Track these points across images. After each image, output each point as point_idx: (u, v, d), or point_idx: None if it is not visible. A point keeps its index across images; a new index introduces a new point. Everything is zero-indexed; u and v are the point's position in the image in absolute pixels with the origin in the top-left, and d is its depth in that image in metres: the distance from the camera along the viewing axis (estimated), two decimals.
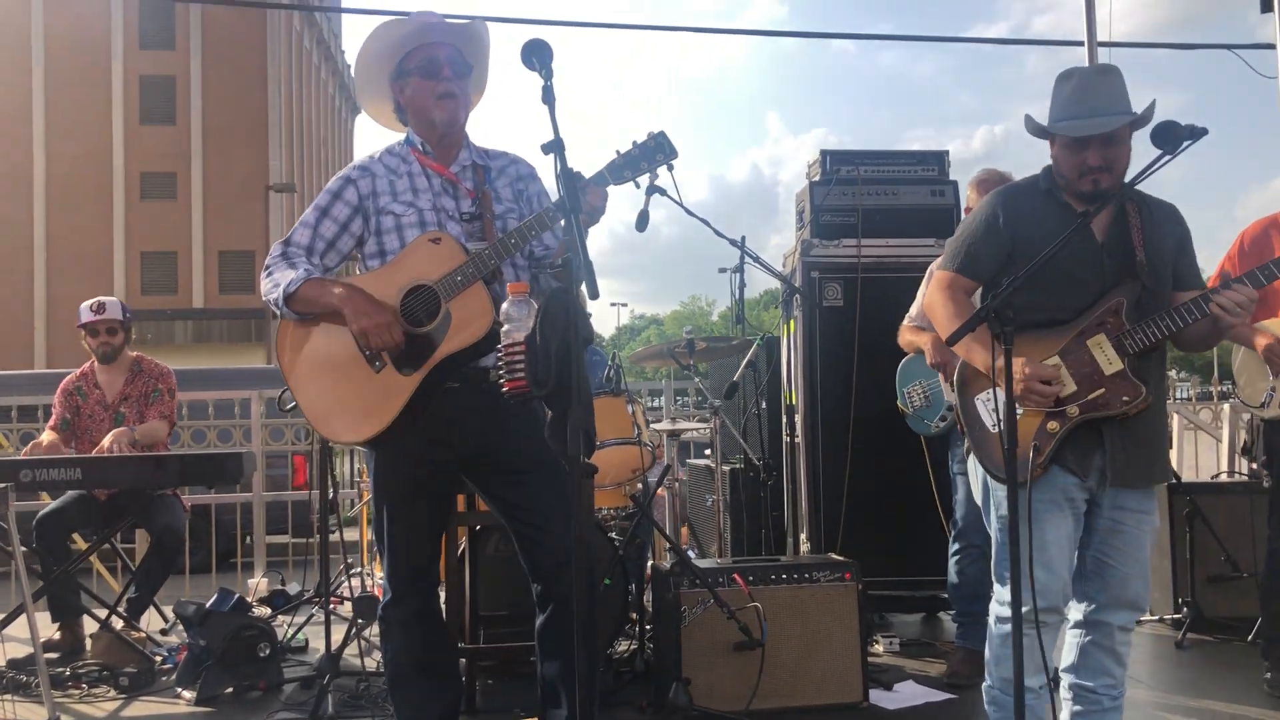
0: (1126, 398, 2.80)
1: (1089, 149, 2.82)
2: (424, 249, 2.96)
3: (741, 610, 3.79)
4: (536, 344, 2.39)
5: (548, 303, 2.41)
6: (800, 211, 5.57)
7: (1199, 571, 5.10)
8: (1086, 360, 2.83)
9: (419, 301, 2.92)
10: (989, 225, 2.96)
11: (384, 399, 2.92)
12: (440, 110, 3.06)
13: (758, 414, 5.51)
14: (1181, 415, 7.38)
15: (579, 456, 2.34)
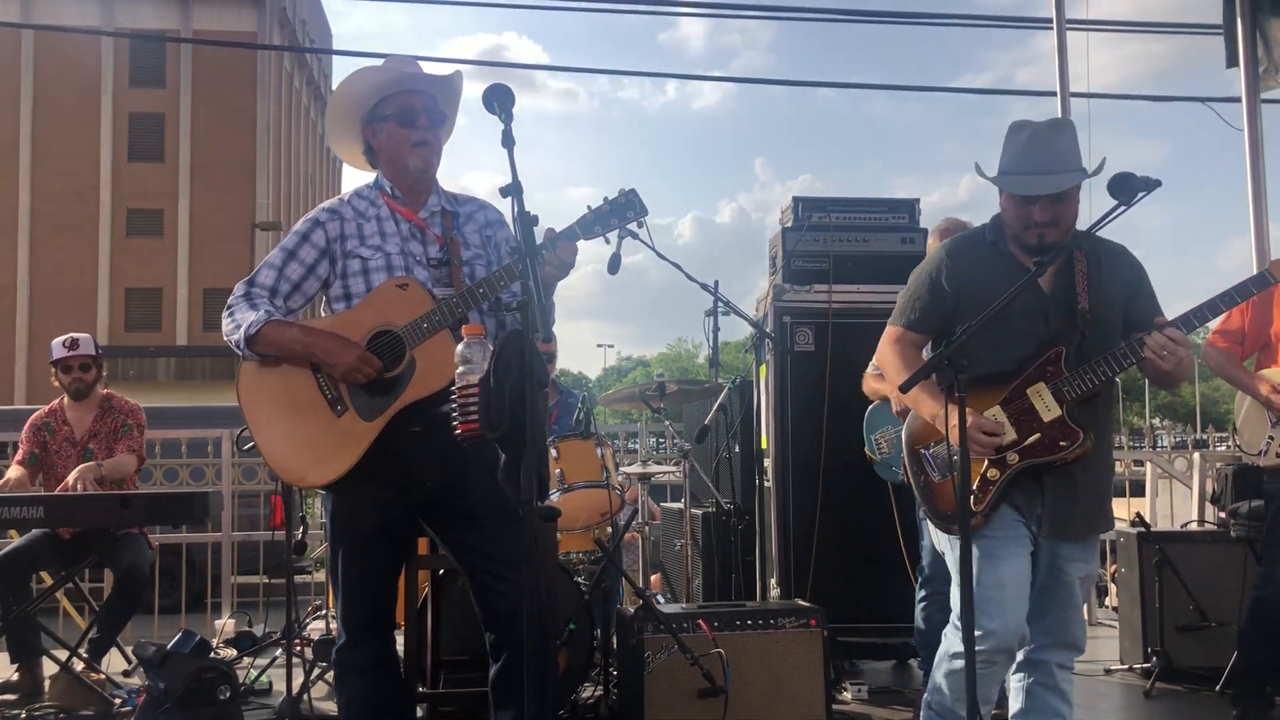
0: (1064, 443, 2.83)
1: (1036, 205, 2.86)
2: (391, 294, 2.97)
3: (705, 656, 3.76)
4: (490, 386, 2.39)
5: (503, 345, 2.41)
6: (773, 256, 5.60)
7: (1169, 620, 5.08)
8: (1026, 408, 2.87)
9: (384, 346, 2.92)
10: (932, 282, 3.02)
11: (345, 443, 2.91)
12: (415, 158, 3.08)
13: (729, 458, 5.51)
14: (1155, 464, 7.40)
15: (531, 500, 2.34)
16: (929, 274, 3.04)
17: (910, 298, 3.08)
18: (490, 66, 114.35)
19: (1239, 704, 4.15)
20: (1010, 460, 2.84)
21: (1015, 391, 2.88)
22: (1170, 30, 22.00)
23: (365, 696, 3.04)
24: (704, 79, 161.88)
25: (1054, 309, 2.90)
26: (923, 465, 3.01)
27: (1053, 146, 2.87)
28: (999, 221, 3.01)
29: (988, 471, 2.86)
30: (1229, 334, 4.26)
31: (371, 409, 2.90)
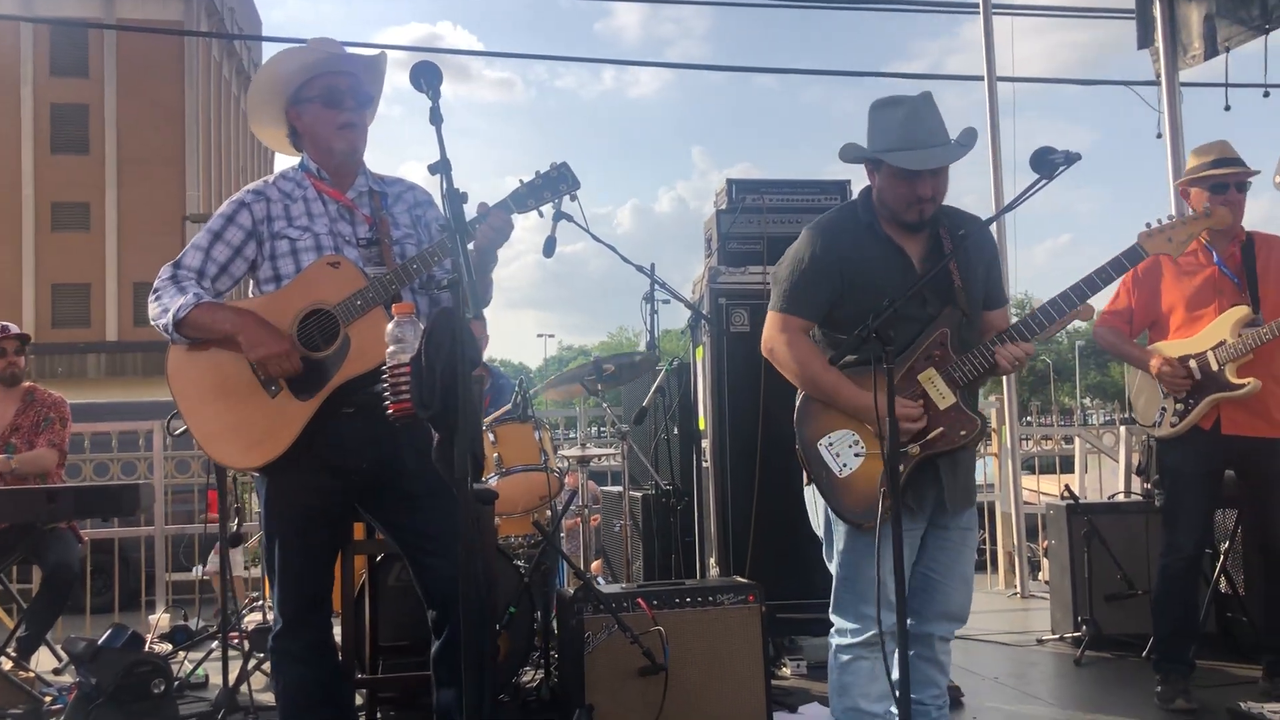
0: (964, 431, 2.85)
1: (921, 179, 2.84)
2: (322, 272, 2.94)
3: (645, 634, 3.78)
4: (421, 365, 2.38)
5: (433, 324, 2.40)
6: (708, 239, 5.63)
7: (1097, 590, 5.22)
8: (919, 395, 2.87)
9: (316, 325, 2.89)
10: (816, 263, 2.94)
11: (279, 424, 2.88)
12: (341, 140, 3.05)
13: (667, 439, 5.53)
14: (1084, 439, 7.57)
15: (466, 479, 2.33)
16: (809, 256, 2.96)
17: (791, 281, 2.98)
18: (425, 52, 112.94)
19: (1160, 669, 4.27)
20: (912, 453, 2.82)
21: (906, 380, 2.86)
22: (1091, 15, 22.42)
23: (302, 684, 3.02)
24: (641, 64, 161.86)
25: (930, 290, 2.88)
26: (823, 461, 2.92)
27: (931, 120, 2.88)
28: (870, 202, 3.00)
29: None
30: (1118, 313, 4.40)
31: (306, 388, 2.87)
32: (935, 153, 2.84)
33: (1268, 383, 4.09)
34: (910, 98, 2.93)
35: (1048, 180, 2.79)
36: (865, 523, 2.82)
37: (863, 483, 2.87)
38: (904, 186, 2.87)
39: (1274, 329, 4.04)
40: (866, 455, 2.85)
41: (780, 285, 3.04)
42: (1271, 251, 4.29)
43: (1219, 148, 4.32)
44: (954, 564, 3.00)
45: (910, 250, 2.95)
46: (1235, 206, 4.23)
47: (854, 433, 2.90)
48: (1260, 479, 4.24)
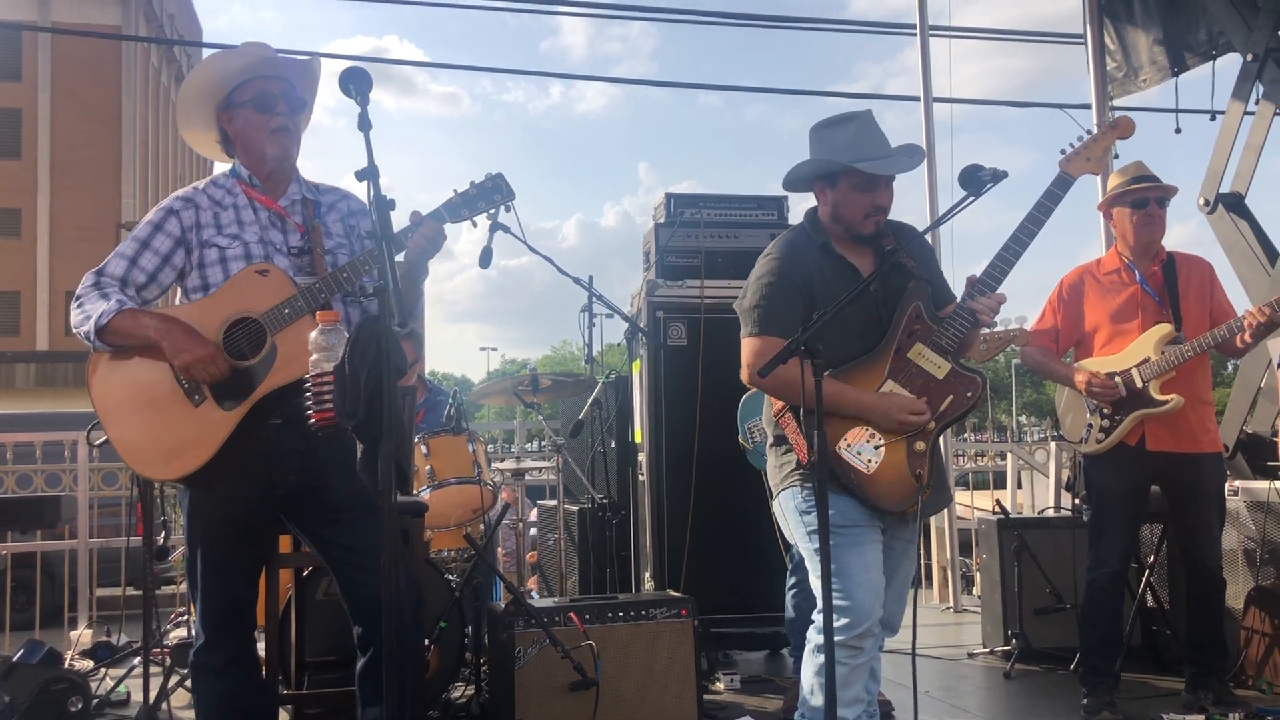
0: (970, 392, 2.90)
1: (879, 190, 2.94)
2: (250, 280, 2.89)
3: (576, 649, 3.76)
4: (345, 374, 2.35)
5: (358, 332, 2.37)
6: (646, 252, 5.63)
7: (1027, 604, 5.28)
8: (917, 373, 2.92)
9: (243, 334, 2.84)
10: (783, 283, 2.97)
11: (203, 434, 2.82)
12: (273, 145, 3.00)
13: (604, 452, 5.51)
14: (1016, 455, 7.68)
15: (390, 490, 2.30)
16: (780, 279, 2.98)
17: (762, 305, 2.99)
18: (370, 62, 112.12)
19: (1086, 682, 4.33)
20: (930, 428, 2.88)
21: (897, 362, 2.91)
22: (1029, 38, 22.89)
23: (222, 699, 2.95)
24: (586, 79, 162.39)
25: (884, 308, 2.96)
26: (848, 463, 2.89)
27: (880, 134, 2.99)
28: (819, 223, 3.07)
29: (915, 444, 2.88)
30: (1044, 332, 4.47)
31: (231, 397, 2.81)
32: (900, 160, 2.94)
33: (1189, 399, 4.17)
34: (858, 113, 3.01)
35: (976, 197, 2.83)
36: (908, 508, 2.84)
37: (891, 472, 2.89)
38: (863, 198, 2.95)
39: (1195, 347, 4.13)
40: (887, 446, 2.88)
41: (752, 312, 3.03)
42: (1192, 271, 4.38)
43: (1136, 166, 4.42)
44: (894, 575, 3.03)
45: (862, 267, 3.02)
46: (1156, 221, 4.32)
47: (868, 428, 2.91)
48: (1183, 494, 4.31)
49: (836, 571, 2.84)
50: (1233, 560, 4.80)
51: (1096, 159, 3.13)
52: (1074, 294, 4.44)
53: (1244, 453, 5.29)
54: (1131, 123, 3.05)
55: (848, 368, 2.94)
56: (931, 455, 2.91)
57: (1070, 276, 4.51)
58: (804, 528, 3.01)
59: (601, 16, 13.57)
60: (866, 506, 2.90)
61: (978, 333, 3.00)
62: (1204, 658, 4.34)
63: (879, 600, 2.90)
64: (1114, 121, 3.05)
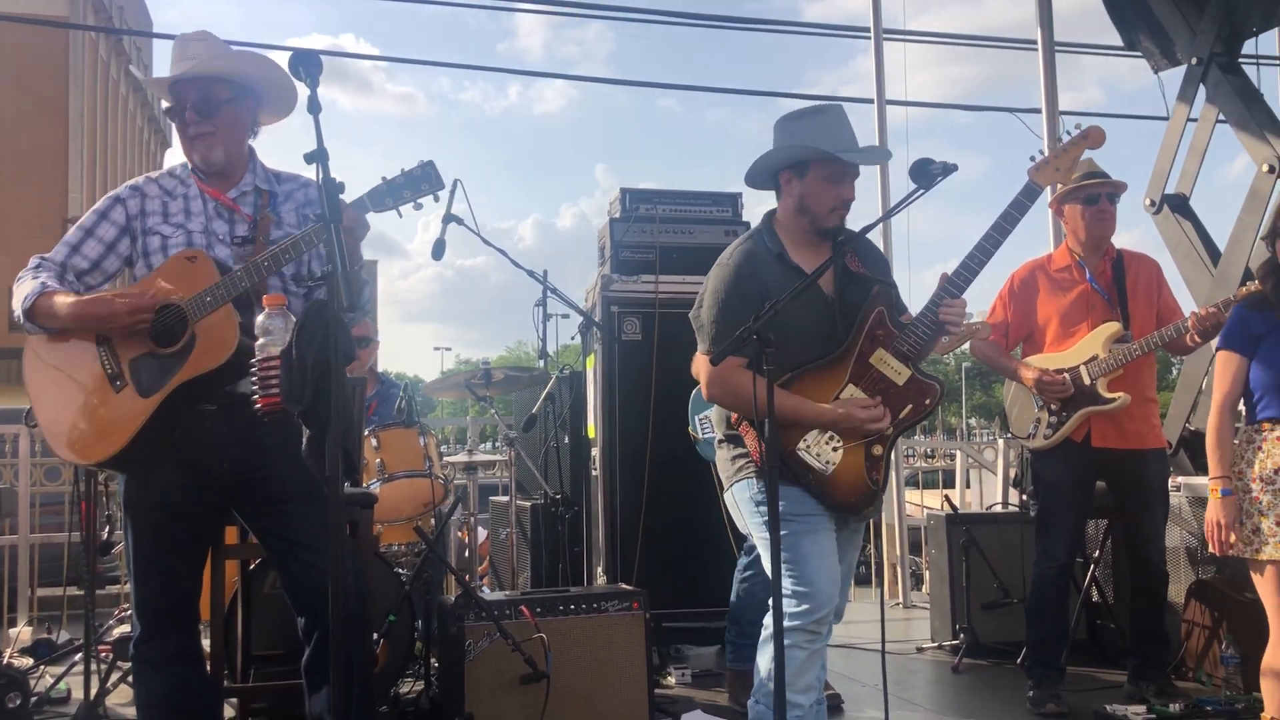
0: (928, 399, 2.94)
1: (845, 183, 2.96)
2: (179, 266, 2.85)
3: (527, 642, 3.74)
4: (292, 359, 2.32)
5: (305, 316, 2.34)
6: (601, 248, 5.63)
7: (975, 599, 5.34)
8: (878, 378, 2.93)
9: (168, 320, 2.80)
10: (739, 298, 2.95)
11: (120, 421, 2.79)
12: (194, 151, 2.99)
13: (557, 447, 5.50)
14: (965, 453, 7.76)
15: (336, 477, 2.27)
16: (733, 293, 2.96)
17: (723, 321, 2.96)
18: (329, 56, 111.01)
19: (1032, 675, 4.39)
20: (886, 433, 2.91)
21: (859, 366, 2.92)
22: (982, 43, 23.15)
23: (164, 693, 2.90)
24: (544, 75, 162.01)
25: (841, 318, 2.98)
26: (806, 464, 2.91)
27: (851, 128, 3.01)
28: (774, 231, 3.07)
29: (872, 449, 2.91)
30: (994, 327, 4.53)
31: (149, 385, 2.78)
32: (876, 151, 2.99)
33: (1135, 397, 4.24)
34: (829, 106, 3.04)
35: (926, 189, 2.85)
36: (864, 510, 2.88)
37: (849, 474, 2.91)
38: (832, 190, 2.96)
39: (1144, 345, 4.19)
40: (845, 447, 2.90)
41: (708, 327, 3.02)
42: (1140, 269, 4.46)
43: (1087, 164, 4.49)
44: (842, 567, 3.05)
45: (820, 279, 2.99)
46: (1107, 216, 4.39)
47: (826, 429, 2.92)
48: (1128, 490, 4.39)
49: (794, 559, 2.87)
50: (1175, 555, 4.89)
51: (1065, 168, 3.14)
52: (1025, 289, 4.49)
53: (1187, 450, 5.38)
54: (1102, 132, 3.08)
55: (809, 369, 2.95)
56: (886, 456, 2.96)
57: (1021, 271, 4.56)
58: (759, 518, 3.01)
59: (560, 14, 13.57)
60: (823, 504, 2.92)
61: (938, 339, 3.02)
62: (1146, 650, 4.41)
63: (837, 585, 2.93)
64: (1085, 131, 3.08)
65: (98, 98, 33.97)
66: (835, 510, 2.95)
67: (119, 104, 36.85)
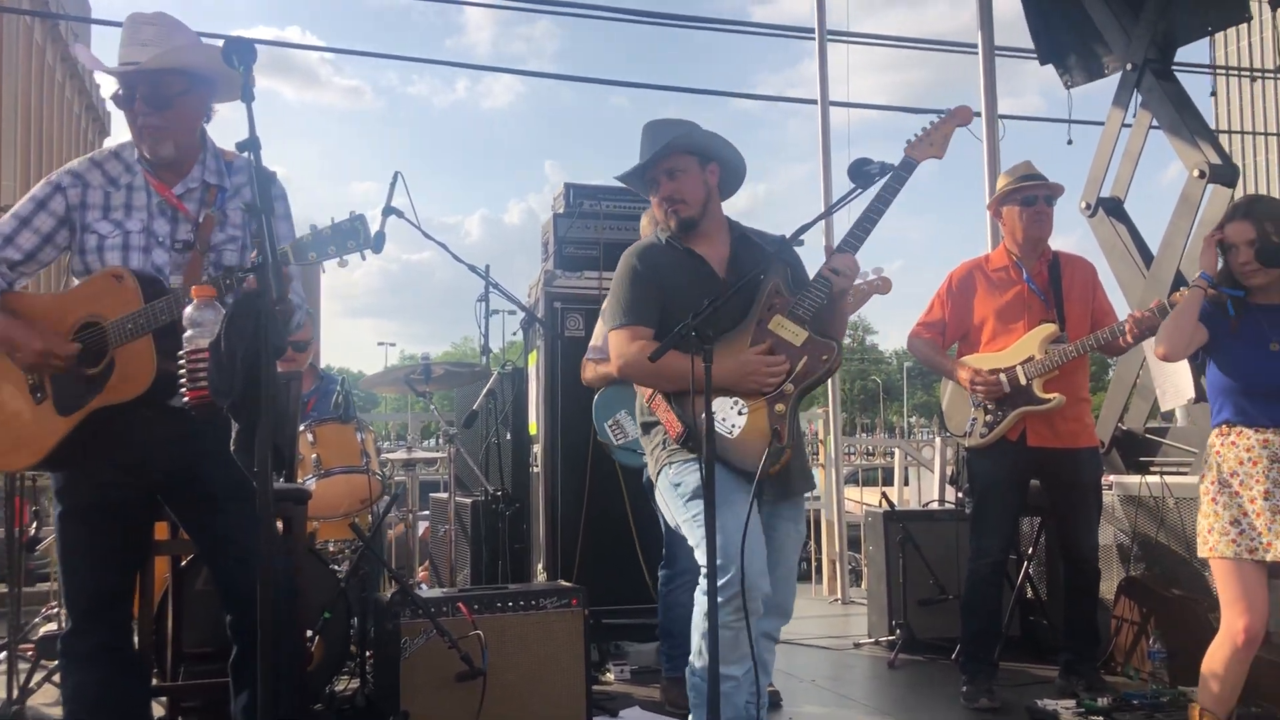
0: (825, 356, 3.00)
1: (659, 184, 3.11)
2: (105, 284, 2.78)
3: (464, 639, 3.71)
4: (221, 351, 2.27)
5: (235, 308, 2.29)
6: (545, 243, 5.61)
7: (911, 595, 5.40)
8: (776, 341, 3.01)
9: (91, 340, 2.74)
10: (636, 277, 3.12)
11: (39, 435, 2.76)
12: (143, 143, 2.89)
13: (498, 444, 5.46)
14: (903, 451, 7.85)
15: (266, 472, 2.23)
16: (635, 275, 3.14)
17: (621, 299, 3.14)
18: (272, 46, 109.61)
19: (966, 670, 4.44)
20: (788, 390, 2.96)
21: (758, 333, 3.01)
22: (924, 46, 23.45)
23: (92, 688, 2.84)
24: (491, 69, 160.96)
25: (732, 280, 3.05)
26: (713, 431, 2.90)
27: (663, 129, 3.14)
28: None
29: (775, 407, 2.95)
30: (931, 325, 4.58)
31: (68, 404, 2.74)
32: (651, 151, 3.11)
33: (1069, 397, 4.31)
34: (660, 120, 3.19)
35: (863, 189, 2.88)
36: (775, 467, 2.89)
37: (755, 435, 2.96)
38: (651, 192, 3.15)
39: (1079, 347, 4.26)
40: (750, 410, 2.96)
41: (617, 305, 3.14)
42: (1075, 271, 4.53)
43: (1024, 166, 4.56)
44: (780, 560, 3.06)
45: (710, 256, 3.15)
46: (1044, 218, 4.46)
47: (729, 396, 2.99)
48: (1062, 487, 4.46)
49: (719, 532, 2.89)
50: (1106, 552, 4.98)
51: (939, 144, 3.24)
52: (963, 288, 4.55)
53: (1119, 449, 5.48)
54: (969, 111, 3.21)
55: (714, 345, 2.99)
56: (791, 419, 2.98)
57: (960, 271, 4.61)
58: (680, 499, 3.04)
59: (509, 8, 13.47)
60: (733, 471, 2.94)
61: (841, 305, 3.08)
62: (1078, 646, 4.49)
63: (756, 555, 2.89)
64: (954, 110, 3.17)
65: (31, 84, 33.16)
66: (746, 472, 2.95)
67: (54, 90, 36.01)
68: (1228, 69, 17.73)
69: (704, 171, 3.16)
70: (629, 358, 3.06)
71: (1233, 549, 3.18)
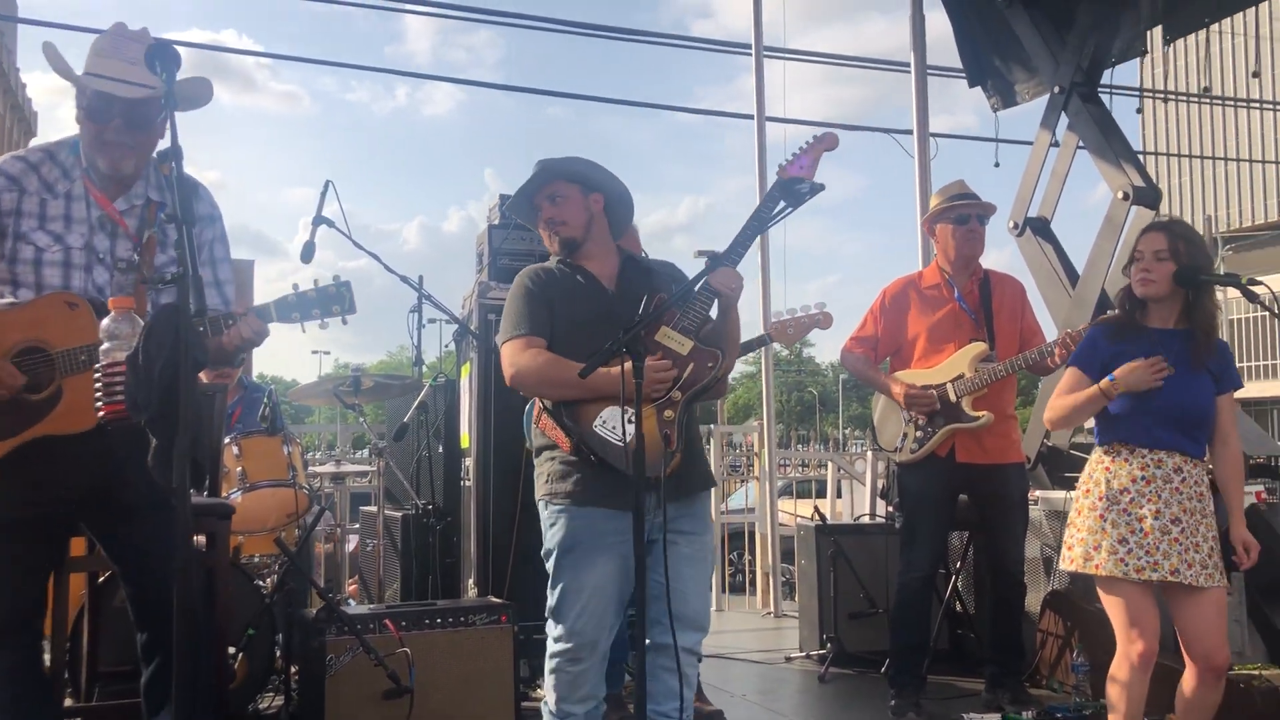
0: (711, 364, 3.02)
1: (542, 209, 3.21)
2: (56, 309, 2.68)
3: (391, 656, 3.66)
4: (139, 364, 2.21)
5: (154, 320, 2.24)
6: (480, 254, 5.55)
7: (842, 609, 5.43)
8: (663, 351, 3.02)
9: (33, 365, 2.64)
10: (529, 293, 3.16)
11: None
12: (102, 156, 2.79)
13: (429, 457, 5.40)
14: (836, 464, 7.92)
15: (184, 488, 2.17)
16: (527, 291, 3.17)
17: (515, 312, 3.18)
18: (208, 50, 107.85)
19: (894, 684, 4.48)
20: (676, 398, 2.97)
21: (647, 343, 3.01)
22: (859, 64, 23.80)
23: (3, 711, 2.74)
24: (432, 78, 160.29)
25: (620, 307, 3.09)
26: (605, 440, 2.97)
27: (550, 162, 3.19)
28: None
29: (664, 413, 2.96)
30: (864, 340, 4.63)
31: (6, 428, 2.63)
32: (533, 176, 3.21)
33: (997, 414, 4.38)
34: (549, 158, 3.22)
35: (794, 207, 2.90)
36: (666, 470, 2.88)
37: (646, 440, 2.91)
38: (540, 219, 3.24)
39: (1009, 366, 4.33)
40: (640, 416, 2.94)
41: (510, 318, 3.18)
42: (1005, 290, 4.61)
43: (958, 185, 4.63)
44: (688, 571, 3.03)
45: (601, 274, 3.20)
46: (977, 237, 4.53)
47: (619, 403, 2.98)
48: (990, 502, 4.52)
49: (560, 594, 3.00)
50: (1032, 566, 5.06)
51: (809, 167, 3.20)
52: (896, 304, 4.60)
53: (1044, 464, 5.58)
54: (835, 138, 3.26)
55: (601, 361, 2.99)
56: (684, 425, 3.00)
57: (893, 287, 4.67)
58: (545, 544, 3.08)
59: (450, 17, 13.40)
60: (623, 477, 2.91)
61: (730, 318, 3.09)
62: (1003, 659, 4.55)
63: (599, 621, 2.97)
64: (821, 136, 3.23)
65: None
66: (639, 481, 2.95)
67: None
68: (1154, 92, 18.22)
69: (586, 199, 3.20)
70: (520, 365, 3.07)
71: (1121, 568, 3.22)
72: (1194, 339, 3.33)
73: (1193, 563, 3.20)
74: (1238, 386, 3.43)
